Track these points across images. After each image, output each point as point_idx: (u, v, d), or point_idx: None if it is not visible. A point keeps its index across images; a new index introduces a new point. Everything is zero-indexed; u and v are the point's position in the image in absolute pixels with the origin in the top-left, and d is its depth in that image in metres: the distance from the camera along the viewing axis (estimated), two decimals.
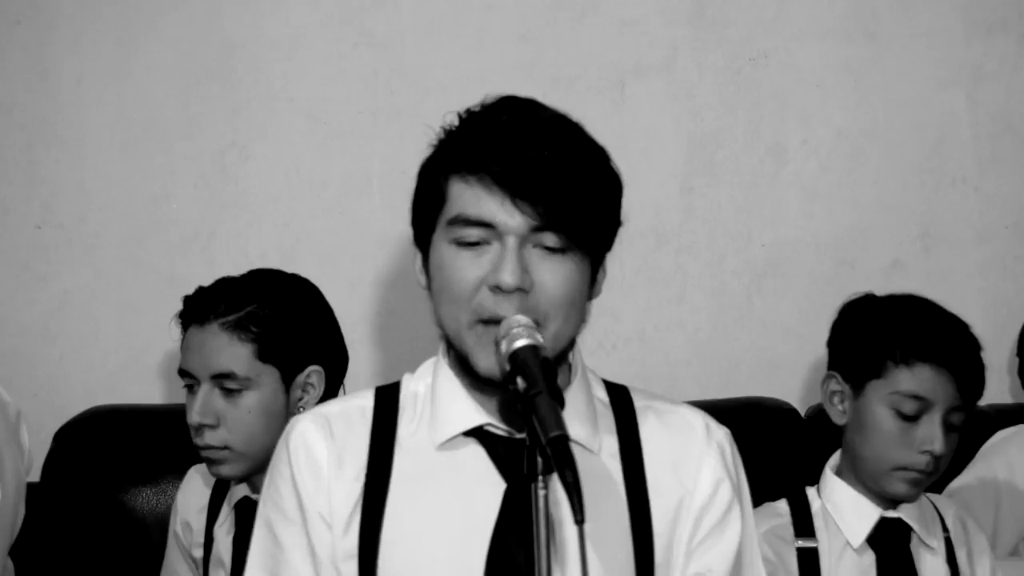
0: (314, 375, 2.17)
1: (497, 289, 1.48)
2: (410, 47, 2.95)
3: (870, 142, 3.03)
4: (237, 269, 2.28)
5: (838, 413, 2.13)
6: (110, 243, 2.89)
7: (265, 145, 2.92)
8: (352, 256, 2.93)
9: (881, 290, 2.25)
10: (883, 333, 2.06)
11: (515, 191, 1.48)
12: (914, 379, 2.02)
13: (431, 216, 1.56)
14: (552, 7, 2.97)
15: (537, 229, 1.50)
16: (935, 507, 2.18)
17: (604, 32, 2.98)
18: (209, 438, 2.11)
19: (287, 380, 2.15)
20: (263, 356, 2.12)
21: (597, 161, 1.56)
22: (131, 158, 2.90)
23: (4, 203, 2.89)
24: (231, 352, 2.11)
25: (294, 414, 2.11)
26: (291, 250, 2.89)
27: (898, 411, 2.03)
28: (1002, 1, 3.06)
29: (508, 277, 1.48)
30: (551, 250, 1.51)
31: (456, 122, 1.57)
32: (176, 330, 2.20)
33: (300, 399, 2.16)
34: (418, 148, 3.06)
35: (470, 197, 1.51)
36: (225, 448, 2.11)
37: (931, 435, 2.01)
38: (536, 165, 1.49)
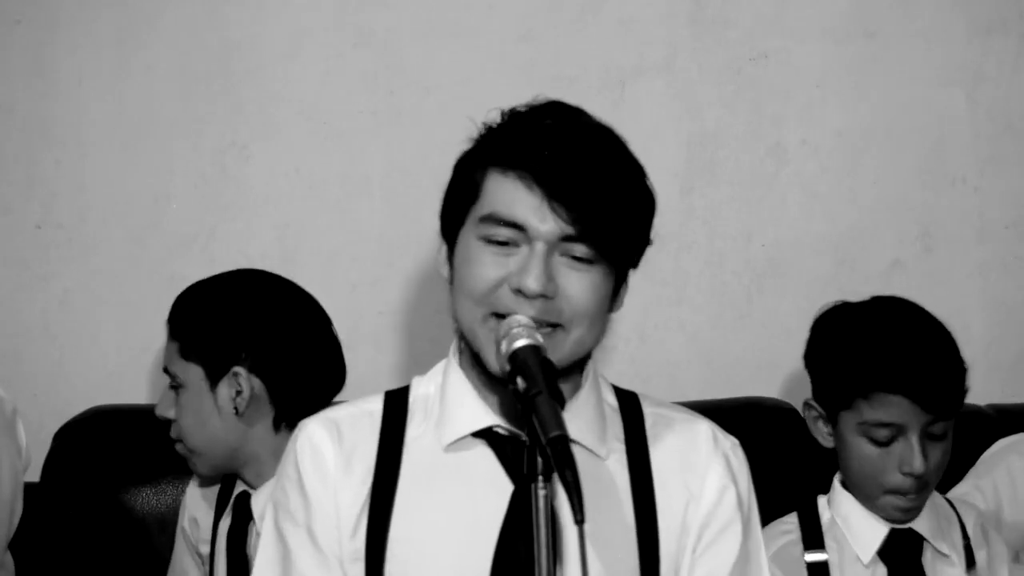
0: (241, 378, 2.11)
1: (519, 292, 1.48)
2: (410, 47, 2.94)
3: (870, 142, 3.03)
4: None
5: (824, 437, 2.12)
6: (110, 243, 2.89)
7: (265, 145, 2.92)
8: (352, 256, 2.93)
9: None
10: (840, 367, 2.04)
11: (552, 192, 1.48)
12: (875, 409, 1.99)
13: (462, 209, 1.56)
14: (552, 7, 2.97)
15: (568, 238, 1.49)
16: (956, 511, 2.15)
17: (604, 32, 2.98)
18: (172, 432, 2.18)
19: (212, 379, 2.13)
20: (184, 354, 2.14)
21: (635, 177, 1.56)
22: (131, 158, 2.90)
23: (4, 203, 2.88)
24: (167, 350, 2.18)
25: (236, 414, 2.11)
26: (291, 250, 2.89)
27: (871, 438, 2.02)
28: (1002, 1, 3.06)
29: (533, 283, 1.47)
30: (579, 260, 1.51)
31: (499, 119, 1.57)
32: None
33: (233, 399, 2.12)
34: (418, 148, 3.07)
35: (506, 194, 1.50)
36: (180, 442, 2.18)
37: (909, 456, 1.99)
38: (576, 169, 1.48)
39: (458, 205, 1.56)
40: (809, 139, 3.02)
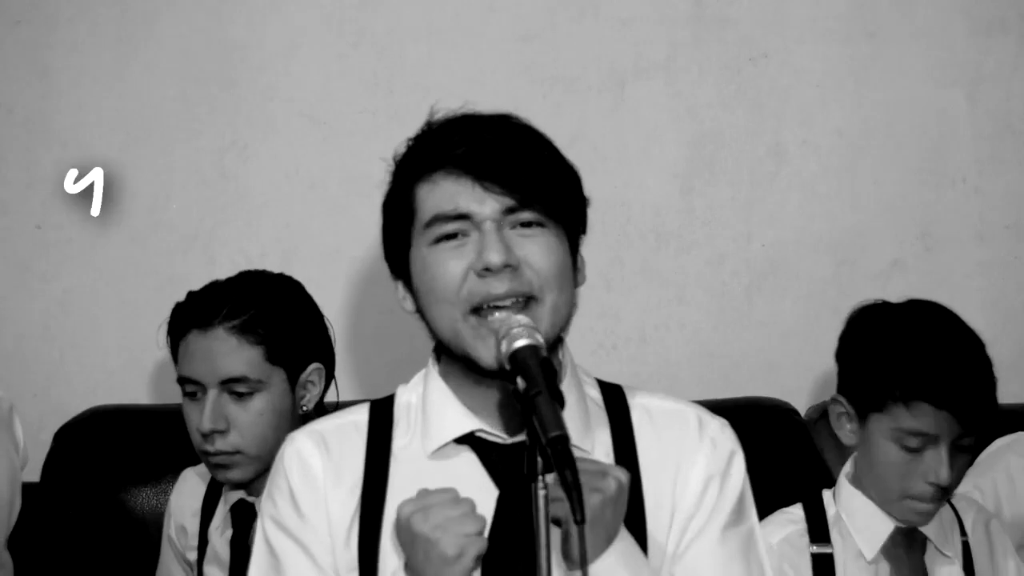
0: (315, 373, 2.18)
1: (486, 271, 1.50)
2: (410, 47, 2.95)
3: (870, 142, 3.03)
4: (237, 269, 2.28)
5: (847, 434, 2.10)
6: (110, 243, 2.89)
7: (265, 145, 2.92)
8: (352, 256, 2.92)
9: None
10: (882, 369, 2.02)
11: (481, 174, 1.52)
12: (914, 418, 1.98)
13: (404, 234, 1.59)
14: (552, 7, 2.97)
15: (510, 210, 1.52)
16: (955, 510, 2.15)
17: (604, 32, 2.98)
18: (220, 444, 2.11)
19: (292, 380, 2.15)
20: (271, 358, 2.12)
21: (552, 147, 1.59)
22: (131, 158, 2.90)
23: (4, 203, 2.88)
24: (240, 356, 2.10)
25: (300, 412, 2.14)
26: (291, 250, 2.89)
27: (902, 445, 2.01)
28: (1002, 1, 3.06)
29: (494, 256, 1.50)
30: (528, 225, 1.53)
31: (403, 149, 1.62)
32: (162, 338, 2.19)
33: (303, 397, 2.17)
34: None
35: (440, 194, 1.54)
36: (237, 453, 2.11)
37: (936, 467, 1.98)
38: (494, 147, 1.53)
39: (399, 234, 1.60)
40: (809, 139, 3.02)
